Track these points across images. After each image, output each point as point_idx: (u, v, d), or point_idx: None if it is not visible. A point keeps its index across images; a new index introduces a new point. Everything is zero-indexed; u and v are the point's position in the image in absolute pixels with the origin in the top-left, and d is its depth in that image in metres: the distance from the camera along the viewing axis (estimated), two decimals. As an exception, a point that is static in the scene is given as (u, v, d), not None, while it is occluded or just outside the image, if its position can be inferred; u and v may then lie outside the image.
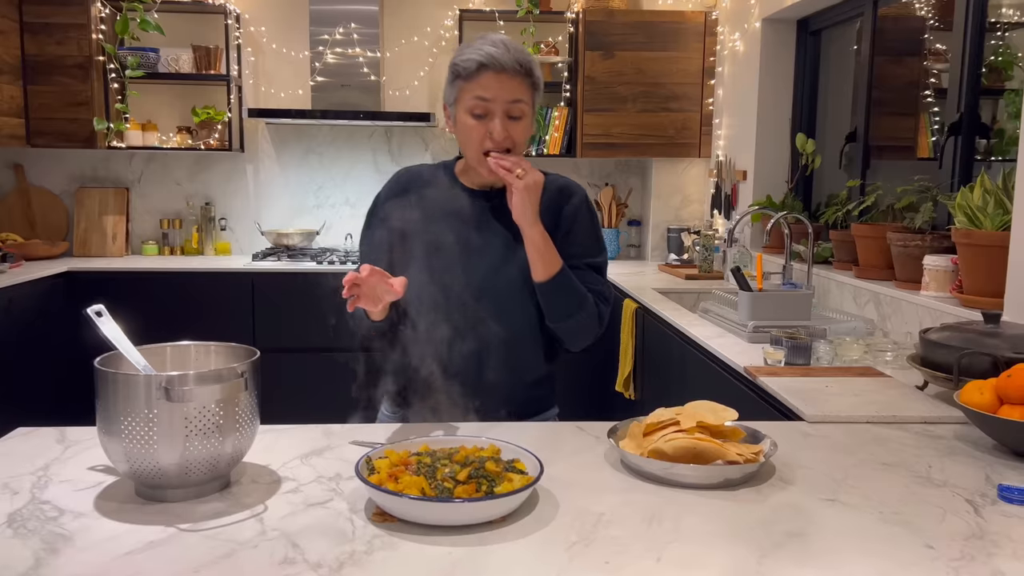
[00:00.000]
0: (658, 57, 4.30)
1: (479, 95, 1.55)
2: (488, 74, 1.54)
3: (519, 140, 1.59)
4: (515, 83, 1.56)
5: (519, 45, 1.60)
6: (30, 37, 4.06)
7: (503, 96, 1.55)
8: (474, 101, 1.56)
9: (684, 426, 1.31)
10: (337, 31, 4.28)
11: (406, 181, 1.72)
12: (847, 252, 2.96)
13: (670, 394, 2.91)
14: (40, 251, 4.21)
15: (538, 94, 1.62)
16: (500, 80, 1.55)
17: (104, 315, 1.25)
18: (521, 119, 1.58)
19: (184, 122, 4.51)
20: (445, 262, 1.61)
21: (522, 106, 1.57)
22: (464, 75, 1.56)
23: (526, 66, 1.57)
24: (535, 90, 1.60)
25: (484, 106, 1.56)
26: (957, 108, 2.62)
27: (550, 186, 1.67)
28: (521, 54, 1.57)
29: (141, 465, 1.15)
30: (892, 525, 1.14)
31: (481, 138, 1.57)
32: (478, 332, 1.59)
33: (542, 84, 1.62)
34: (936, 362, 1.73)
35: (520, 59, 1.56)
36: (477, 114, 1.57)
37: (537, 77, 1.60)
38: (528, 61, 1.57)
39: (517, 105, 1.57)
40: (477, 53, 1.55)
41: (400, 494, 1.09)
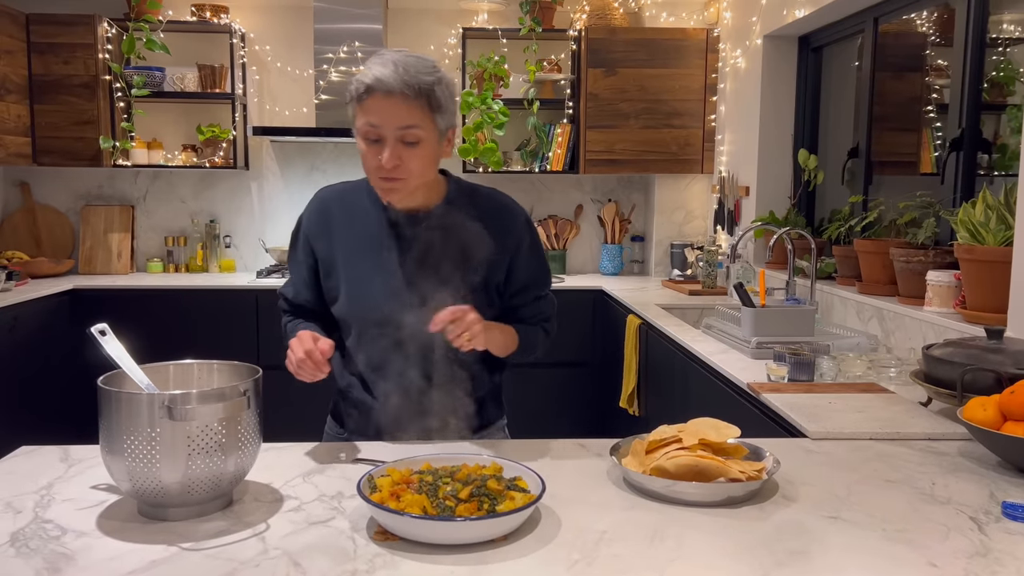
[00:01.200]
0: (660, 74, 4.33)
1: (369, 120, 1.44)
2: (376, 97, 1.42)
3: (414, 168, 1.47)
4: (406, 107, 1.42)
5: (421, 63, 1.46)
6: (37, 57, 4.10)
7: (392, 122, 1.43)
8: (364, 126, 1.45)
9: (686, 443, 1.31)
10: (341, 49, 4.31)
11: (321, 204, 1.67)
12: (850, 268, 2.96)
13: (674, 410, 2.90)
14: (46, 269, 4.23)
15: (442, 115, 1.47)
16: (389, 104, 1.42)
17: (108, 334, 1.25)
18: (417, 144, 1.45)
19: (189, 140, 4.54)
20: (371, 286, 1.59)
21: (416, 131, 1.44)
22: (356, 97, 1.45)
23: (417, 86, 1.42)
24: (435, 112, 1.46)
25: (375, 131, 1.44)
26: (958, 123, 2.63)
27: (487, 203, 1.62)
28: (416, 75, 1.42)
29: (144, 484, 1.15)
30: (895, 543, 1.13)
31: (373, 162, 1.47)
32: (411, 353, 1.56)
33: (448, 104, 1.48)
34: (939, 378, 1.72)
35: (412, 80, 1.42)
36: (370, 139, 1.46)
37: (437, 98, 1.45)
38: (421, 82, 1.43)
39: (410, 131, 1.44)
40: (367, 74, 1.44)
41: (402, 513, 1.08)
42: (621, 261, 4.68)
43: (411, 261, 1.57)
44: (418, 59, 1.46)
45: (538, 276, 1.68)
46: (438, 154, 1.52)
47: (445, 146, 1.53)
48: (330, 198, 1.68)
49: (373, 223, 1.61)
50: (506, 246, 1.61)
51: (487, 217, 1.59)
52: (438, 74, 1.47)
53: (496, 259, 1.59)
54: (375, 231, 1.60)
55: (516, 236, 1.63)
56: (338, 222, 1.64)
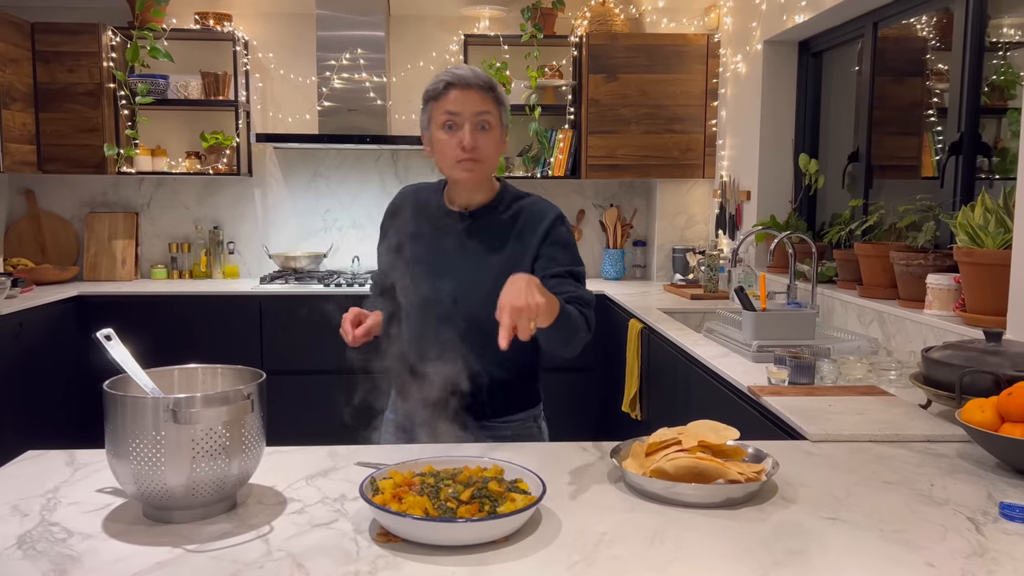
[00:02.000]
0: (661, 79, 4.34)
1: (448, 110, 1.69)
2: (454, 91, 1.69)
3: (487, 150, 1.71)
4: (480, 97, 1.70)
5: (483, 71, 1.77)
6: (42, 65, 4.13)
7: (470, 108, 1.69)
8: (444, 116, 1.70)
9: (686, 445, 1.32)
10: (344, 57, 4.34)
11: (401, 199, 1.90)
12: (851, 271, 2.97)
13: (676, 414, 2.91)
14: (50, 275, 4.25)
15: (504, 110, 1.75)
16: (466, 95, 1.69)
17: (113, 339, 1.27)
18: (489, 130, 1.71)
19: (193, 147, 4.57)
20: (427, 273, 1.76)
21: (488, 117, 1.70)
22: (434, 96, 1.72)
23: (488, 82, 1.71)
24: (500, 105, 1.73)
25: (453, 119, 1.69)
26: (957, 127, 2.64)
27: (525, 209, 1.80)
28: (484, 74, 1.73)
29: (149, 487, 1.16)
30: (893, 543, 1.14)
31: (453, 148, 1.70)
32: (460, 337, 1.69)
33: (507, 103, 1.77)
34: (938, 380, 1.73)
35: (483, 76, 1.72)
36: (448, 126, 1.70)
37: (500, 93, 1.73)
38: (490, 79, 1.73)
39: (483, 116, 1.70)
40: (444, 76, 1.72)
41: (403, 514, 1.10)
42: (623, 266, 4.70)
43: (464, 251, 1.77)
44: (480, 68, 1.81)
45: (568, 266, 1.78)
46: (501, 142, 1.76)
47: (504, 139, 1.77)
48: (407, 192, 1.91)
49: (434, 215, 1.81)
50: (534, 237, 1.77)
51: (524, 214, 1.79)
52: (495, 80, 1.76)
53: (527, 250, 1.76)
54: (434, 222, 1.81)
55: (543, 228, 1.78)
56: (407, 213, 1.85)
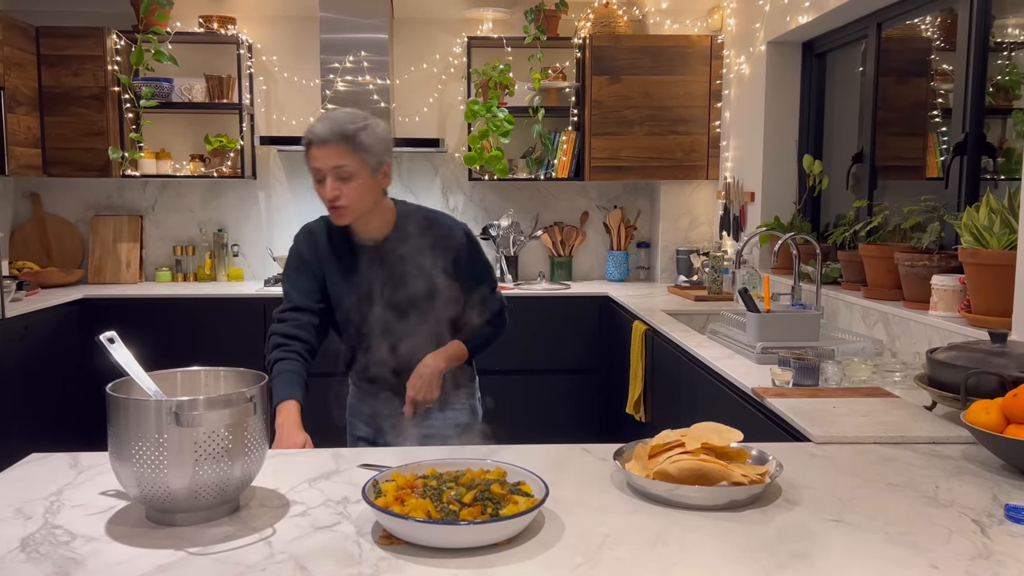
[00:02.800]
0: (665, 81, 4.34)
1: (312, 166, 1.83)
2: (313, 148, 1.81)
3: (351, 197, 1.83)
4: (336, 151, 1.79)
5: (351, 115, 1.83)
6: (47, 69, 4.14)
7: (328, 163, 1.80)
8: (312, 170, 1.84)
9: (689, 448, 1.32)
10: (347, 59, 4.35)
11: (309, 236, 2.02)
12: (855, 272, 2.96)
13: (680, 416, 2.91)
14: (55, 278, 4.27)
15: (369, 155, 1.82)
16: (323, 151, 1.80)
17: (116, 341, 1.27)
18: (351, 180, 1.81)
19: (197, 150, 4.58)
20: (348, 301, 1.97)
21: (346, 169, 1.80)
22: (303, 149, 1.85)
23: (344, 134, 1.79)
24: (361, 151, 1.80)
25: (318, 173, 1.83)
26: (962, 128, 2.63)
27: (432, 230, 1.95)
28: (342, 125, 1.80)
29: (151, 489, 1.16)
30: (898, 545, 1.14)
31: (323, 198, 1.85)
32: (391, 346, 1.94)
33: (376, 145, 1.83)
34: (943, 382, 1.72)
35: (339, 129, 1.79)
36: (318, 179, 1.84)
37: (360, 140, 1.80)
38: (346, 130, 1.79)
39: (341, 170, 1.80)
40: (308, 131, 1.84)
41: (406, 517, 1.10)
42: (627, 267, 4.69)
43: (375, 281, 1.94)
44: (350, 113, 1.85)
45: (481, 277, 2.04)
46: (374, 186, 1.86)
47: (381, 179, 1.88)
48: (315, 228, 2.03)
49: (346, 250, 1.97)
50: (448, 256, 1.94)
51: (431, 236, 1.93)
52: (366, 122, 1.83)
53: (442, 268, 1.92)
54: (347, 256, 1.97)
55: (455, 246, 1.96)
56: (323, 249, 1.99)
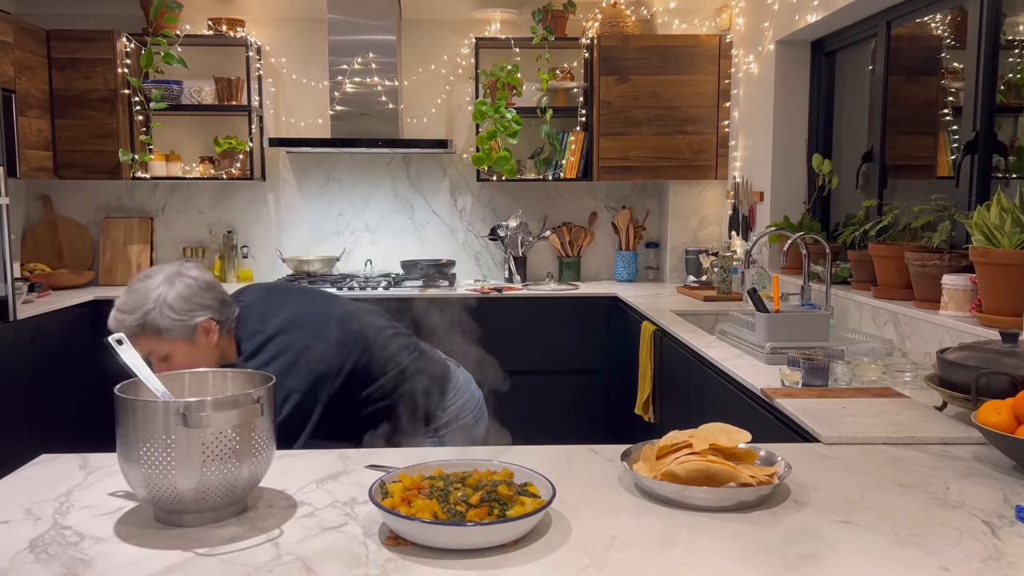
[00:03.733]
0: (673, 80, 4.33)
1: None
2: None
3: (186, 366, 1.68)
4: (137, 342, 1.67)
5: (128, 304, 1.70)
6: (58, 72, 4.17)
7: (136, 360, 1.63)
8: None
9: (697, 448, 1.32)
10: (356, 61, 4.35)
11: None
12: (865, 272, 2.94)
13: (689, 417, 2.90)
14: (67, 280, 4.29)
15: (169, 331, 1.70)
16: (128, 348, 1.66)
17: (125, 343, 1.28)
18: (168, 357, 1.73)
19: (207, 152, 4.60)
20: None
21: (158, 352, 1.72)
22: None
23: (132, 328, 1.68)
24: (159, 334, 1.70)
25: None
26: (973, 126, 2.61)
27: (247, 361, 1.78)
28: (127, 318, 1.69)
29: (160, 490, 1.17)
30: (908, 547, 1.13)
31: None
32: None
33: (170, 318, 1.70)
34: (954, 382, 1.71)
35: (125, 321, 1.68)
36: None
37: (151, 325, 1.69)
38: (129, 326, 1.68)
39: (152, 355, 1.72)
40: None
41: (412, 518, 1.10)
42: (636, 267, 4.68)
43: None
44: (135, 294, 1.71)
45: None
46: (196, 349, 1.75)
47: (201, 339, 1.76)
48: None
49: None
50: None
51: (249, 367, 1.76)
52: (145, 307, 1.70)
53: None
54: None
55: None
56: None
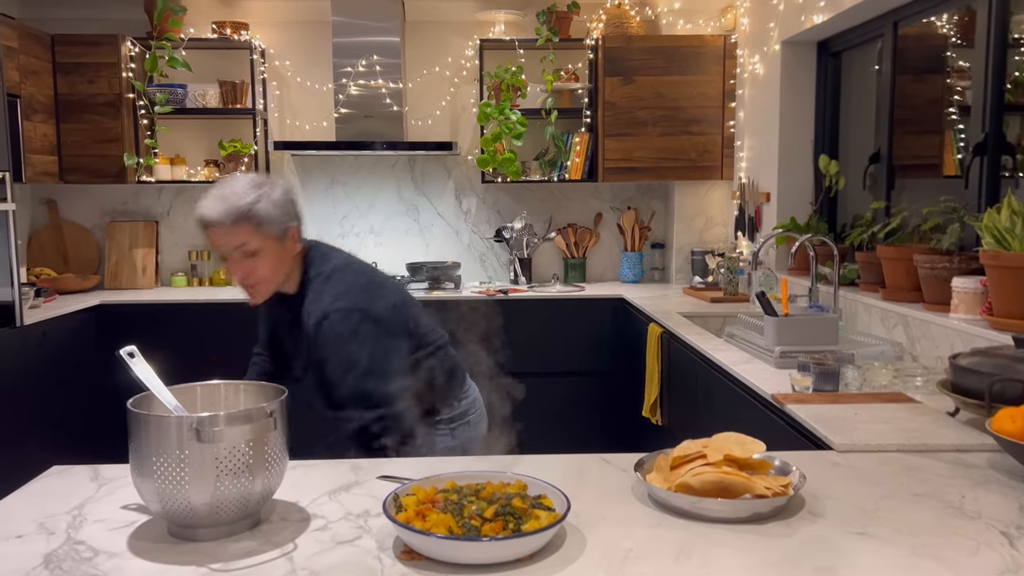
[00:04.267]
0: (678, 81, 4.32)
1: (213, 246, 1.80)
2: (209, 229, 1.77)
3: (260, 273, 1.80)
4: (230, 231, 1.74)
5: (241, 188, 1.75)
6: (62, 77, 4.17)
7: (226, 244, 1.76)
8: (215, 250, 1.82)
9: (711, 459, 1.31)
10: (360, 63, 4.35)
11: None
12: (873, 274, 2.93)
13: (697, 420, 2.89)
14: (72, 285, 4.29)
15: (269, 226, 1.76)
16: (217, 233, 1.76)
17: (136, 356, 1.27)
18: (256, 255, 1.77)
19: (211, 155, 4.60)
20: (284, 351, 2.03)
21: (248, 247, 1.76)
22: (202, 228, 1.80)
23: (235, 215, 1.73)
24: (260, 226, 1.75)
25: (220, 252, 1.80)
26: (982, 127, 2.60)
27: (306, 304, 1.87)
28: (235, 201, 1.73)
29: (173, 505, 1.16)
30: (924, 559, 1.12)
31: (232, 275, 1.84)
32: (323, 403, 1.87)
33: (274, 213, 1.77)
34: (967, 388, 1.70)
35: (229, 210, 1.73)
36: (222, 258, 1.82)
37: (257, 214, 1.74)
38: (236, 209, 1.72)
39: (243, 248, 1.76)
40: (199, 211, 1.76)
41: (428, 533, 1.09)
42: (641, 269, 4.67)
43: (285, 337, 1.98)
44: (243, 184, 1.77)
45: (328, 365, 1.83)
46: (283, 253, 1.82)
47: (288, 244, 1.83)
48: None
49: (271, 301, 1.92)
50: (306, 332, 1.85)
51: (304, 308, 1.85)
52: (259, 192, 1.76)
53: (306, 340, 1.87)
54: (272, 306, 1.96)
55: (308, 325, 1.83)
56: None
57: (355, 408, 1.77)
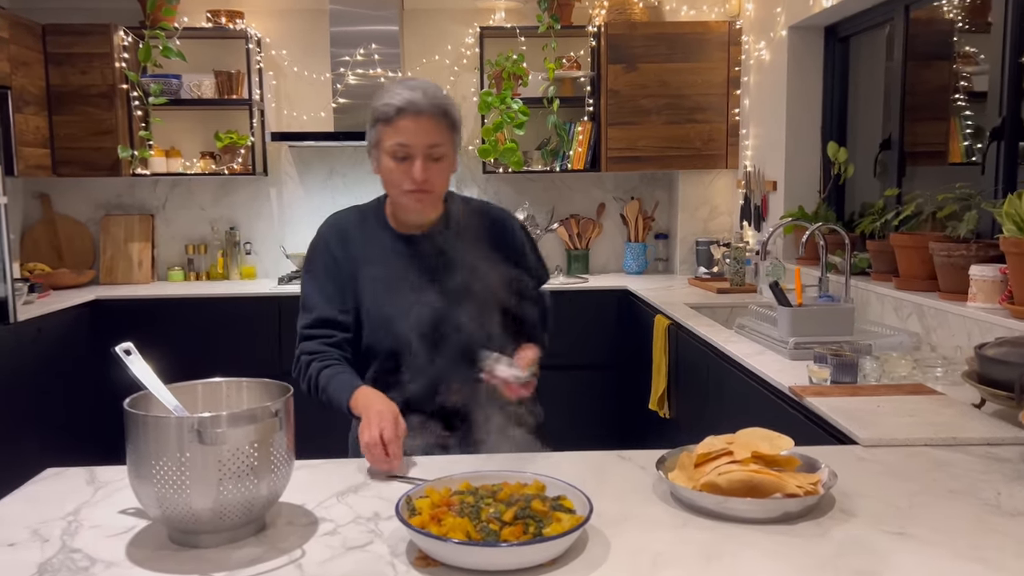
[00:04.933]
0: (682, 68, 4.25)
1: (400, 141, 1.58)
2: (406, 119, 1.57)
3: (439, 181, 1.63)
4: (433, 125, 1.59)
5: (437, 87, 1.63)
6: (54, 67, 4.09)
7: (422, 140, 1.58)
8: (395, 145, 1.59)
9: (738, 456, 1.25)
10: (358, 52, 4.27)
11: (336, 232, 1.74)
12: (886, 263, 2.87)
13: (706, 413, 2.83)
14: (67, 280, 4.22)
15: (457, 134, 1.65)
16: (418, 124, 1.58)
17: (133, 353, 1.21)
18: (441, 160, 1.61)
19: (207, 147, 4.52)
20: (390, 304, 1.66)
21: (441, 148, 1.60)
22: (384, 119, 1.59)
23: (443, 107, 1.59)
24: (454, 131, 1.63)
25: (404, 150, 1.58)
26: (999, 112, 2.54)
27: (484, 220, 1.75)
28: (438, 97, 1.60)
29: (174, 510, 1.10)
30: (969, 561, 1.06)
31: (402, 178, 1.60)
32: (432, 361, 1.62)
33: (460, 124, 1.65)
34: (995, 379, 1.64)
35: (437, 102, 1.59)
36: (399, 157, 1.59)
37: (454, 116, 1.63)
38: (443, 102, 1.60)
39: (436, 148, 1.59)
40: (396, 97, 1.58)
41: (445, 538, 1.03)
42: (645, 259, 4.61)
43: (423, 277, 1.67)
44: (435, 85, 1.63)
45: (540, 274, 1.85)
46: (453, 168, 1.67)
47: (455, 163, 1.69)
48: (345, 220, 1.76)
49: (388, 244, 1.71)
50: (510, 254, 1.73)
51: (487, 230, 1.73)
52: (451, 98, 1.64)
53: (503, 267, 1.68)
54: (390, 251, 1.70)
55: (518, 243, 1.77)
56: (356, 244, 1.72)
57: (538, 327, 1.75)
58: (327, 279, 1.70)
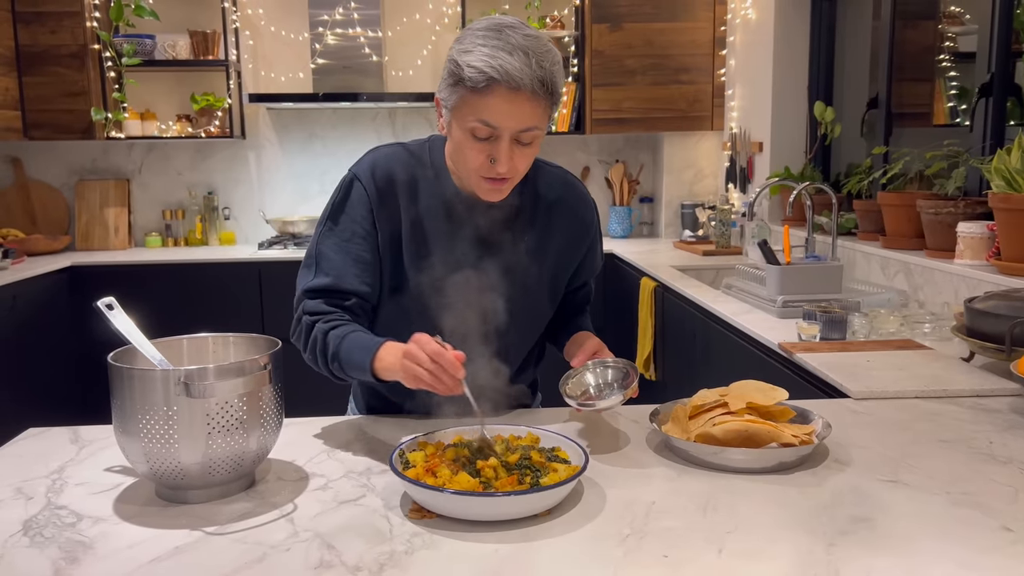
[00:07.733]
0: (667, 28, 4.20)
1: (484, 118, 1.24)
2: (498, 94, 1.22)
3: (523, 168, 1.32)
4: (531, 107, 1.24)
5: (545, 47, 1.25)
6: (23, 27, 3.96)
7: (513, 124, 1.24)
8: (477, 123, 1.25)
9: (733, 408, 1.24)
10: (337, 11, 4.17)
11: (384, 176, 1.40)
12: (872, 222, 2.87)
13: (694, 373, 2.84)
14: (42, 246, 4.13)
15: (556, 110, 1.31)
16: (514, 103, 1.22)
17: (115, 307, 1.17)
18: (531, 144, 1.29)
19: (183, 110, 4.42)
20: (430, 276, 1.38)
21: (535, 132, 1.27)
22: (470, 86, 1.23)
23: (548, 85, 1.24)
24: (554, 108, 1.30)
25: (489, 131, 1.25)
26: (988, 69, 2.52)
27: (561, 188, 1.48)
28: (545, 69, 1.23)
29: (162, 465, 1.08)
30: (963, 507, 1.07)
31: (481, 163, 1.29)
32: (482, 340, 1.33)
33: (561, 97, 1.32)
34: (985, 332, 1.65)
35: (542, 75, 1.23)
36: (480, 136, 1.27)
37: (559, 94, 1.28)
38: (552, 79, 1.24)
39: (529, 132, 1.27)
40: (490, 63, 1.21)
41: (441, 488, 1.01)
42: (630, 223, 4.59)
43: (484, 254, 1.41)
44: (540, 41, 1.25)
45: (598, 265, 1.60)
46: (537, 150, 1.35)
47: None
48: (394, 164, 1.41)
49: (445, 201, 1.40)
50: (584, 239, 1.51)
51: (565, 205, 1.47)
52: (557, 58, 1.27)
53: (573, 253, 1.50)
54: (445, 212, 1.40)
55: (593, 229, 1.53)
56: (404, 195, 1.39)
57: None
58: (358, 242, 1.38)
